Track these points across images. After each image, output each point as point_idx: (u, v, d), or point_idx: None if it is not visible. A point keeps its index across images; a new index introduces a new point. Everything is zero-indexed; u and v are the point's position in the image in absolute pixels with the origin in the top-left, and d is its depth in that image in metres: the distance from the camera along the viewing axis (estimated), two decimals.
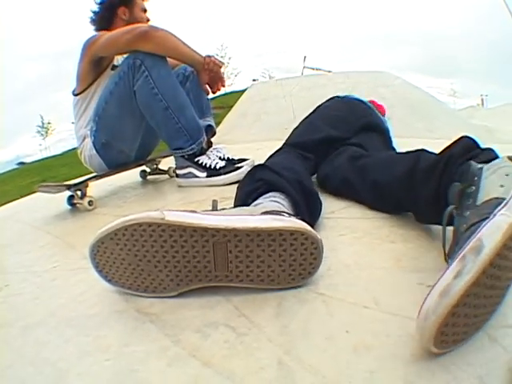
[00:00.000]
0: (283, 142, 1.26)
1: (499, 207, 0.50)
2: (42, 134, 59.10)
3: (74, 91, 1.62)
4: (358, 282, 0.63)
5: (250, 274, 0.61)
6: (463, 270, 0.43)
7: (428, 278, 0.59)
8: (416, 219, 0.82)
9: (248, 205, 0.75)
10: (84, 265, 0.91)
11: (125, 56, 1.50)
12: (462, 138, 0.75)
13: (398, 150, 1.16)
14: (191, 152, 1.47)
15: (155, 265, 0.63)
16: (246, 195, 0.80)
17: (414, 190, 0.77)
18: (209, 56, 1.54)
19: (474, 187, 0.61)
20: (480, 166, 0.65)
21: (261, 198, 0.76)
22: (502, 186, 0.58)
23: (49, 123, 59.23)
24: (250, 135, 3.16)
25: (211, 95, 1.64)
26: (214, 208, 0.74)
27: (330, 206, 1.01)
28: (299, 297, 0.60)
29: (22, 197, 2.61)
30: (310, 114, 1.40)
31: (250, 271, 0.60)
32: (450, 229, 0.61)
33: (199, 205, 1.24)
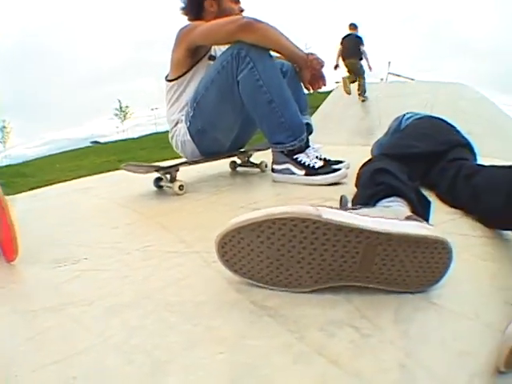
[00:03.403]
0: (369, 147, 1.24)
1: None
2: (119, 117, 62.54)
3: (167, 77, 1.64)
4: (462, 295, 0.64)
5: (389, 276, 0.60)
6: None
7: None
8: None
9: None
10: (182, 249, 0.87)
11: (224, 47, 1.50)
12: None
13: None
14: (291, 148, 1.43)
15: (298, 261, 0.60)
16: (368, 197, 0.80)
17: None
18: (311, 54, 1.51)
19: None
20: None
21: (384, 201, 0.75)
22: None
23: (127, 107, 62.63)
24: (336, 138, 3.10)
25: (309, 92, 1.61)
26: (344, 204, 0.75)
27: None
28: (414, 304, 0.60)
29: (95, 174, 2.56)
30: (396, 132, 1.44)
31: (390, 274, 0.60)
32: None
33: (299, 202, 1.21)
